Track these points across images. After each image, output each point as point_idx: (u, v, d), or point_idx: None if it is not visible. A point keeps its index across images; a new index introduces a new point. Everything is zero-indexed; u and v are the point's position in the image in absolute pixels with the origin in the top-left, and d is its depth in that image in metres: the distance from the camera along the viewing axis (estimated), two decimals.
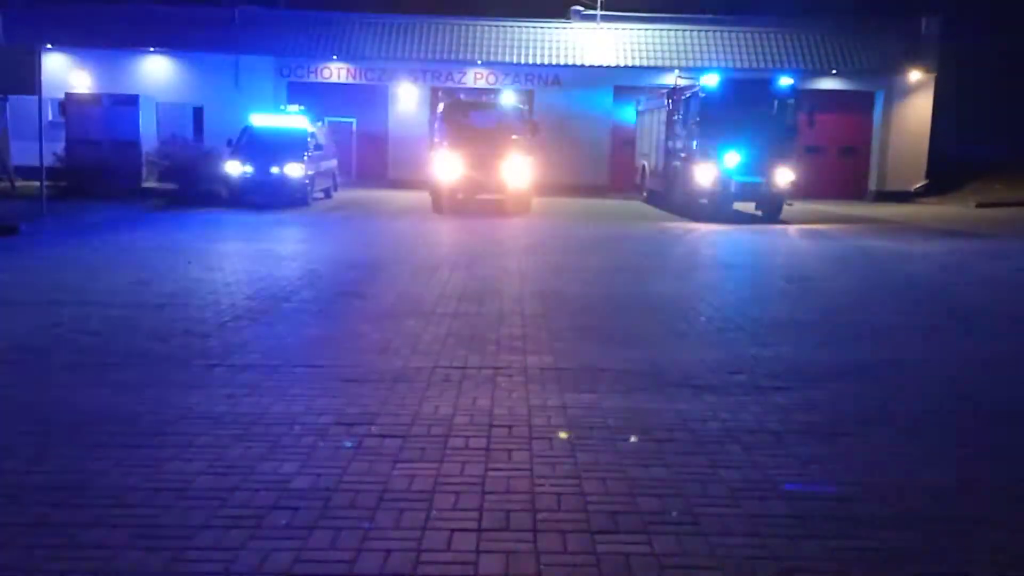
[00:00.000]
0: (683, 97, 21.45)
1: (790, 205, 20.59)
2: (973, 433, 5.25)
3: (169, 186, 21.96)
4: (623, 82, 28.63)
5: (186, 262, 11.53)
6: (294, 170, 20.62)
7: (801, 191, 20.69)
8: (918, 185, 28.47)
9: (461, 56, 28.55)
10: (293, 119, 22.38)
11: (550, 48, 28.70)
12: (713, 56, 28.31)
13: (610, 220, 20.03)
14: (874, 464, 4.62)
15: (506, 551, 3.54)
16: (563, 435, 4.22)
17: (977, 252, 15.17)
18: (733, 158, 19.43)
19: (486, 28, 28.91)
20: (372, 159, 29.43)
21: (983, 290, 11.13)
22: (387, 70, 28.74)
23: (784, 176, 19.55)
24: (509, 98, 22.69)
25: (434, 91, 28.24)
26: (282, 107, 24.40)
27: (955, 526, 3.89)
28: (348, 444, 4.32)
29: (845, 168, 29.14)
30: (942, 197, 27.47)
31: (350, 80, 28.96)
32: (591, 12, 28.97)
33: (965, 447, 4.97)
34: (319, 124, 23.62)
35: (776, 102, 19.99)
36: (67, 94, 24.14)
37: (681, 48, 28.57)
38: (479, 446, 4.74)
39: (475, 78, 28.81)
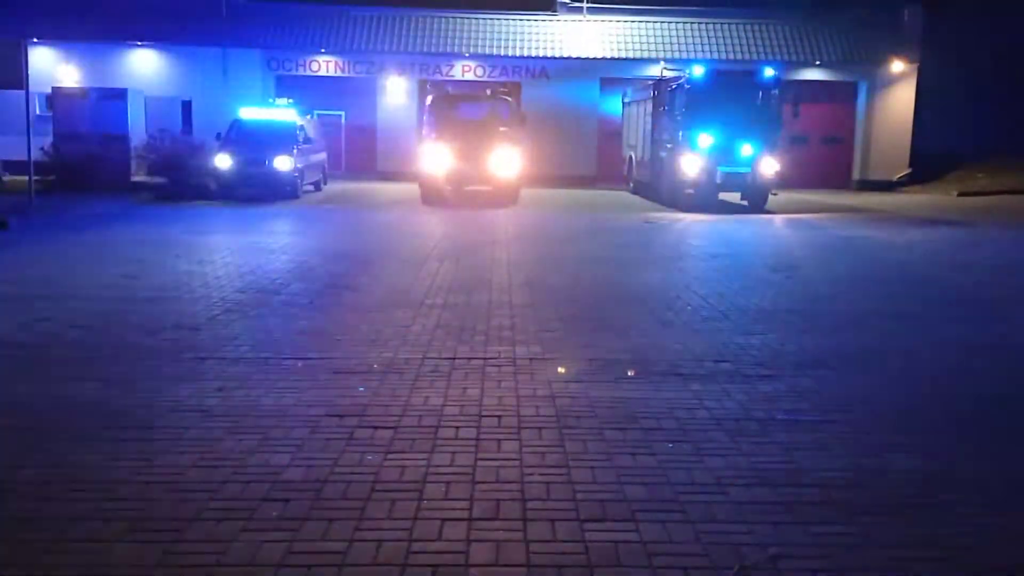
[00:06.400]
0: (669, 88, 21.50)
1: (775, 195, 20.69)
2: (957, 420, 5.31)
3: (158, 180, 21.89)
4: (610, 73, 28.63)
5: (175, 256, 11.53)
6: (283, 163, 20.56)
7: (786, 181, 20.80)
8: (901, 174, 28.60)
9: (449, 49, 28.49)
10: (282, 112, 22.34)
11: (537, 40, 28.68)
12: (698, 47, 28.35)
13: (597, 211, 20.08)
14: (859, 451, 4.68)
15: (496, 540, 3.58)
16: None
17: (959, 240, 15.30)
18: (719, 148, 19.52)
19: (473, 21, 28.86)
20: (361, 152, 29.38)
21: (965, 277, 11.23)
22: (375, 63, 28.66)
23: (769, 166, 19.64)
24: (496, 90, 22.68)
25: (422, 83, 28.20)
26: (271, 100, 24.30)
27: (938, 513, 3.95)
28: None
29: (829, 158, 29.25)
30: (924, 186, 27.61)
31: (338, 73, 28.85)
32: (577, 4, 28.95)
33: (949, 434, 5.04)
34: (308, 117, 23.59)
35: (761, 93, 20.08)
36: (54, 88, 23.97)
37: (667, 40, 28.59)
38: (469, 436, 4.79)
39: (463, 70, 28.77)
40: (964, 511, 3.97)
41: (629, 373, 6.08)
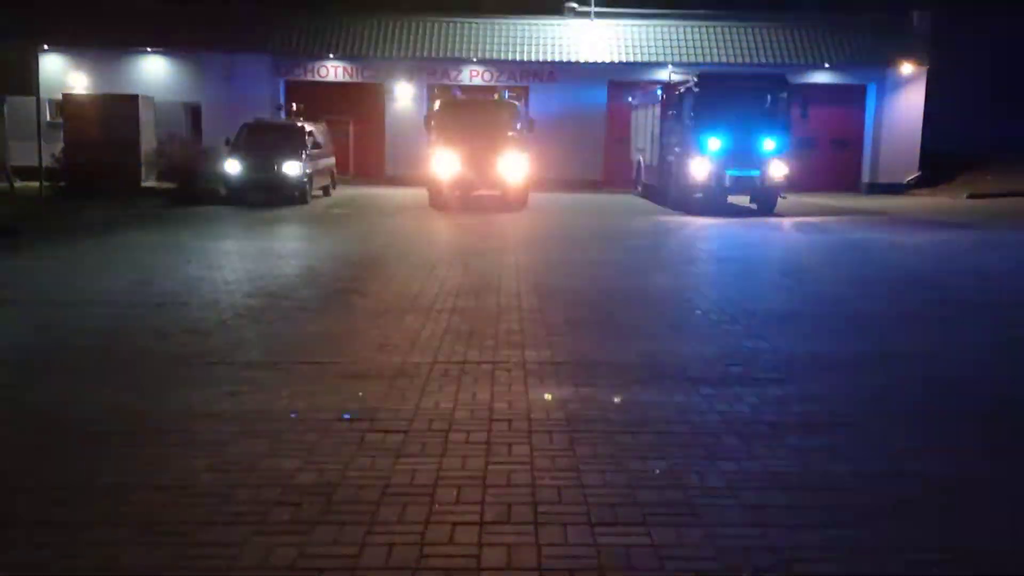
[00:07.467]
0: (677, 92, 21.50)
1: (784, 198, 20.67)
2: (969, 424, 5.29)
3: (168, 185, 21.99)
4: (618, 77, 28.65)
5: (185, 261, 11.57)
6: (293, 168, 20.63)
7: (795, 184, 20.77)
8: (910, 177, 28.53)
9: (457, 53, 28.53)
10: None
11: (545, 44, 28.69)
12: (706, 51, 28.34)
13: (606, 215, 20.06)
14: (871, 455, 4.66)
15: (508, 544, 3.58)
16: None
17: (969, 243, 15.24)
18: (727, 152, 19.50)
19: (481, 25, 28.91)
20: (370, 157, 29.44)
21: (976, 280, 11.18)
22: (383, 68, 28.72)
23: (778, 169, 19.62)
24: (504, 94, 22.70)
25: (430, 88, 28.25)
26: (279, 107, 24.34)
27: (951, 515, 3.94)
28: None
29: (838, 161, 29.18)
30: (934, 189, 27.54)
31: (347, 78, 28.93)
32: (585, 8, 28.97)
33: (961, 438, 5.02)
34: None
35: (769, 96, 20.06)
36: (64, 94, 24.10)
37: (675, 43, 28.58)
38: (479, 440, 4.79)
39: (471, 75, 28.81)
40: (978, 514, 3.95)
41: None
